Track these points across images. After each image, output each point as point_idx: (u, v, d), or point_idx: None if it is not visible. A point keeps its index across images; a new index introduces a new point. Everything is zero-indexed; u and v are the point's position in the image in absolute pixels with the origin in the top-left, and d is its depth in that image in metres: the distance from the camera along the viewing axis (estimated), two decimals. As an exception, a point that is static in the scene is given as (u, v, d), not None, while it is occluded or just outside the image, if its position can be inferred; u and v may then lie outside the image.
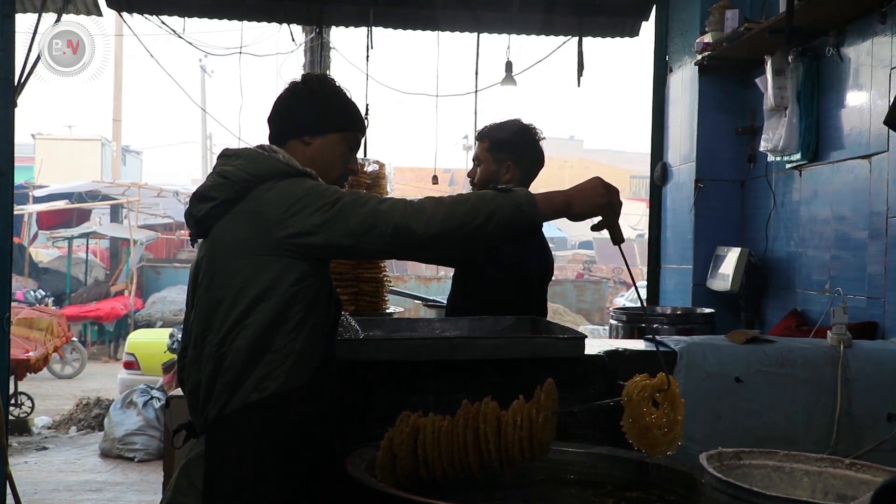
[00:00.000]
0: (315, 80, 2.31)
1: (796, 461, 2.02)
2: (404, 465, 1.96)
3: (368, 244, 2.01)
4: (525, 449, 1.95)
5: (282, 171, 2.09)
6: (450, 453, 1.97)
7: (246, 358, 2.02)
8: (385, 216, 1.98)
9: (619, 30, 6.24)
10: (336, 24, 6.51)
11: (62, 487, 7.05)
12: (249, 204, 2.07)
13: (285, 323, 2.05)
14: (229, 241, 2.08)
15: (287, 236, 2.02)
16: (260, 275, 2.04)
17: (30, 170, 21.55)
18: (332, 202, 2.01)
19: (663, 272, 5.73)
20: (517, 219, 1.98)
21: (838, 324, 2.69)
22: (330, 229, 2.00)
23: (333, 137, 2.25)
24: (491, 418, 1.99)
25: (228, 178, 2.09)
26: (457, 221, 1.96)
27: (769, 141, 4.35)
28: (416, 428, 2.02)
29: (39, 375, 10.87)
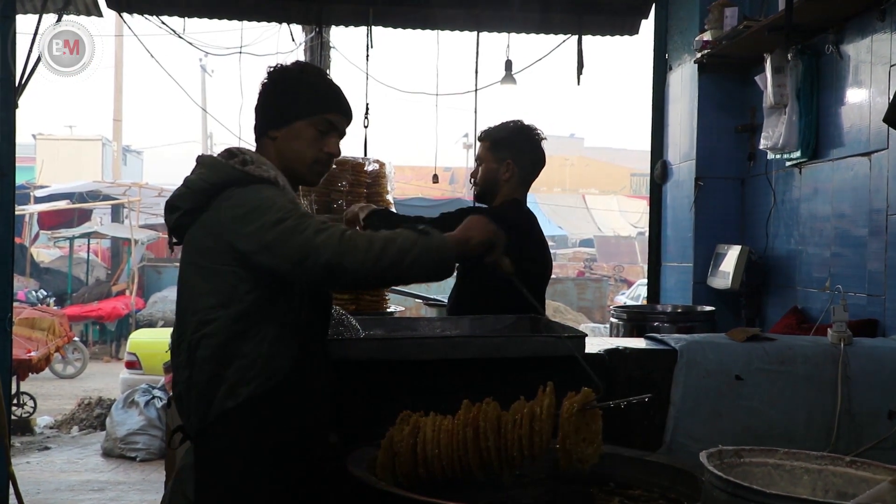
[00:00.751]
0: (277, 72, 2.29)
1: (797, 459, 2.02)
2: (404, 464, 1.97)
3: (304, 274, 2.02)
4: (525, 448, 1.96)
5: (237, 178, 2.10)
6: (449, 452, 1.98)
7: (212, 367, 2.05)
8: (317, 249, 1.98)
9: (618, 28, 6.23)
10: (336, 24, 6.51)
11: (64, 487, 7.06)
12: (211, 213, 2.09)
13: (249, 329, 2.06)
14: (193, 251, 2.12)
15: (239, 249, 2.04)
16: (218, 283, 2.06)
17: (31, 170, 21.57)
18: (276, 221, 2.00)
19: (664, 270, 5.73)
20: (437, 262, 2.04)
21: (839, 321, 2.69)
22: (271, 252, 2.01)
23: (298, 125, 2.22)
24: (491, 417, 2.00)
25: (190, 187, 2.12)
26: (387, 262, 1.99)
27: (769, 139, 4.35)
28: (417, 426, 2.02)
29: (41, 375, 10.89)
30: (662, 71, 5.73)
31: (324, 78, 2.32)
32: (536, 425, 1.96)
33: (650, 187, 5.96)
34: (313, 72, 2.33)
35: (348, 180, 4.33)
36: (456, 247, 2.08)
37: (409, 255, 1.99)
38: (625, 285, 21.07)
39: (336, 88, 2.30)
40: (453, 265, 2.09)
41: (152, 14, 6.10)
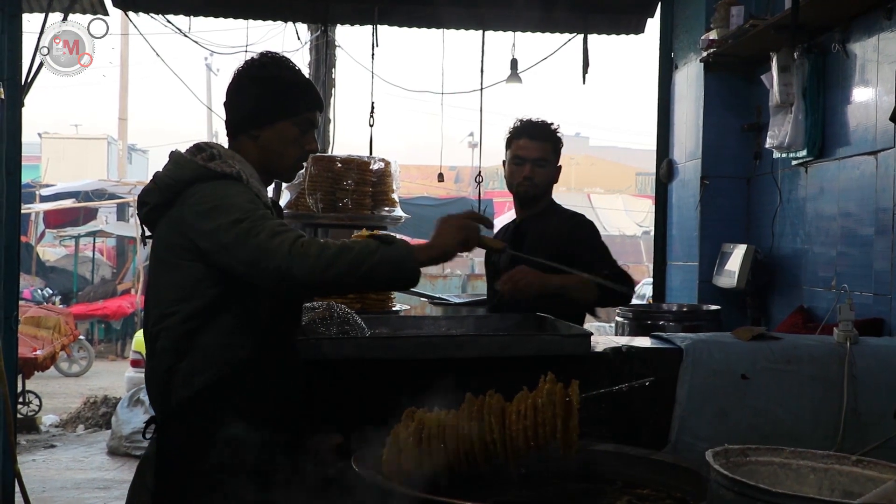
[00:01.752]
0: (256, 67, 2.27)
1: (803, 458, 2.02)
2: (410, 460, 1.97)
3: (257, 278, 2.00)
4: (530, 438, 1.96)
5: (201, 174, 2.11)
6: (454, 446, 1.97)
7: (170, 358, 2.10)
8: (268, 254, 1.95)
9: (624, 27, 6.22)
10: (341, 23, 6.52)
11: (70, 485, 7.08)
12: (176, 209, 2.12)
13: (206, 321, 2.10)
14: (160, 245, 2.16)
15: (200, 247, 2.06)
16: (181, 278, 2.10)
17: (36, 169, 21.64)
18: (234, 222, 2.00)
19: (669, 269, 5.72)
20: (395, 274, 2.01)
21: (845, 320, 2.68)
22: (228, 252, 2.01)
23: (281, 125, 2.23)
24: (495, 409, 1.99)
25: (157, 183, 2.16)
26: (337, 271, 1.96)
27: (775, 138, 4.34)
28: (422, 422, 2.02)
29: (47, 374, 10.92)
30: (668, 70, 5.73)
31: (301, 74, 2.32)
32: (540, 416, 1.96)
33: (656, 186, 5.95)
34: (291, 68, 2.30)
35: (354, 179, 4.34)
36: (423, 257, 2.05)
37: (366, 264, 1.96)
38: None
39: (312, 84, 2.33)
40: (417, 275, 2.04)
41: (158, 13, 6.11)
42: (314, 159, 4.35)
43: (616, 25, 6.23)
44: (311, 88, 2.31)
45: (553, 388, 2.01)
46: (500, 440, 1.98)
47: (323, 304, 2.81)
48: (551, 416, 1.98)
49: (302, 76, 2.32)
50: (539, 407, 1.97)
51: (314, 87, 2.32)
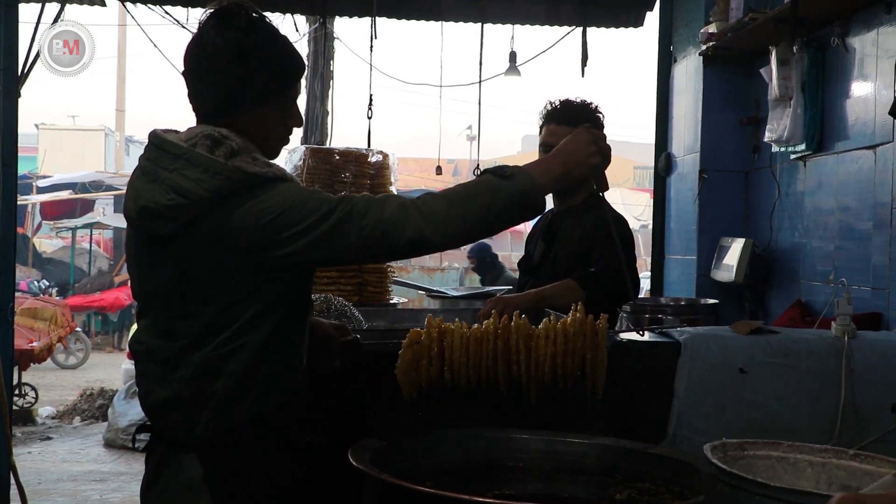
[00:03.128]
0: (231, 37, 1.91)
1: (800, 452, 2.02)
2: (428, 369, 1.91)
3: (376, 255, 1.91)
4: (558, 366, 1.91)
5: (249, 184, 1.84)
6: (477, 361, 1.91)
7: (240, 380, 1.90)
8: (396, 228, 1.83)
9: (623, 20, 6.21)
10: (340, 14, 6.50)
11: (66, 477, 7.08)
12: (219, 222, 1.84)
13: (278, 338, 1.94)
14: (205, 265, 1.88)
15: (278, 257, 1.85)
16: (250, 296, 1.89)
17: (33, 160, 21.59)
18: (324, 216, 1.83)
19: (667, 263, 5.72)
20: (525, 205, 1.89)
21: (843, 314, 2.68)
22: (326, 247, 1.84)
23: (267, 107, 1.98)
24: (523, 330, 1.93)
25: (187, 197, 1.82)
26: (471, 222, 1.85)
27: (774, 131, 4.33)
28: (443, 331, 1.95)
29: (43, 366, 10.92)
30: (667, 63, 5.71)
31: (282, 38, 2.01)
32: (571, 344, 1.91)
33: (654, 180, 5.95)
34: (272, 31, 1.98)
35: (352, 171, 4.33)
36: (548, 183, 1.90)
37: (494, 207, 1.85)
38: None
39: (293, 47, 2.02)
40: (543, 204, 1.91)
41: (155, 3, 6.09)
42: (312, 151, 4.34)
43: (615, 18, 6.21)
44: (294, 56, 2.02)
45: (584, 319, 1.95)
46: (525, 363, 1.91)
47: (320, 296, 2.80)
48: (581, 346, 1.93)
49: (283, 40, 2.00)
50: (569, 335, 1.91)
51: (297, 51, 2.03)
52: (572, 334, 1.96)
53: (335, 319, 2.68)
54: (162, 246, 1.90)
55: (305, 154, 4.25)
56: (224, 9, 1.95)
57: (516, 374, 1.95)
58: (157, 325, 1.95)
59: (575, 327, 1.96)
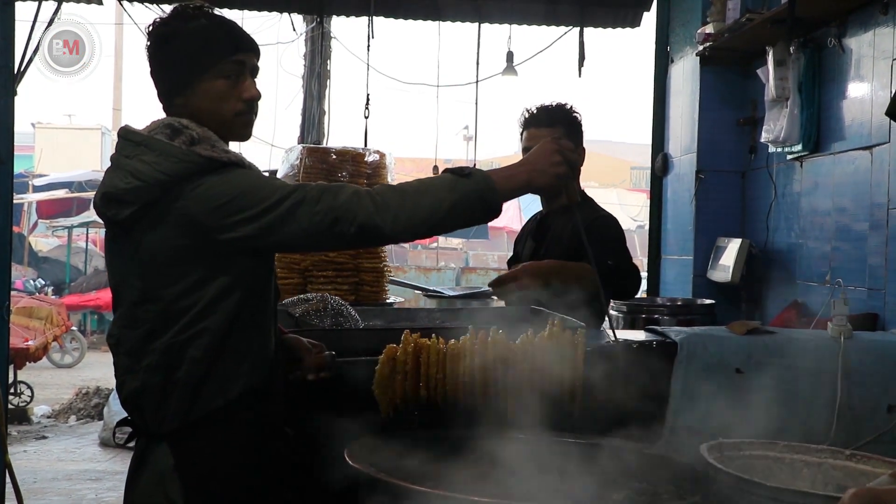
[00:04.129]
0: (156, 31, 2.01)
1: (796, 452, 2.02)
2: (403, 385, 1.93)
3: (326, 243, 1.95)
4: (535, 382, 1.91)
5: (202, 167, 1.88)
6: (454, 377, 1.92)
7: (203, 366, 1.92)
8: (347, 214, 1.85)
9: (620, 20, 6.22)
10: (337, 14, 6.50)
11: (61, 476, 7.07)
12: (175, 205, 1.88)
13: (239, 324, 1.95)
14: (161, 248, 1.91)
15: (228, 241, 1.88)
16: (206, 280, 1.91)
17: (30, 159, 21.54)
18: (277, 202, 1.86)
19: (664, 263, 5.73)
20: (478, 206, 1.91)
21: (839, 315, 2.68)
22: (278, 232, 1.86)
23: (204, 85, 1.98)
24: (500, 347, 1.94)
25: (143, 179, 1.87)
26: (423, 215, 1.89)
27: (770, 132, 4.34)
28: (419, 347, 1.96)
29: (39, 364, 10.88)
30: (664, 63, 5.72)
31: (211, 19, 2.02)
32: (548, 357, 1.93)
33: (651, 180, 5.95)
34: (194, 15, 2.00)
35: (348, 171, 4.32)
36: (505, 187, 1.92)
37: (446, 202, 1.88)
38: (624, 278, 21.03)
39: (229, 24, 2.03)
40: (499, 208, 1.92)
41: (152, 2, 6.08)
42: (309, 151, 4.33)
43: (612, 19, 6.22)
44: (225, 31, 2.00)
45: (561, 334, 1.96)
46: (503, 379, 1.91)
47: (317, 295, 2.80)
48: (559, 359, 1.93)
49: (212, 21, 2.01)
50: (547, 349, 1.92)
51: (233, 29, 2.02)
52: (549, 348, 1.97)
53: (331, 319, 2.68)
54: (124, 232, 1.95)
55: (302, 153, 4.24)
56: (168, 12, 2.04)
57: (493, 391, 1.95)
58: (124, 315, 1.98)
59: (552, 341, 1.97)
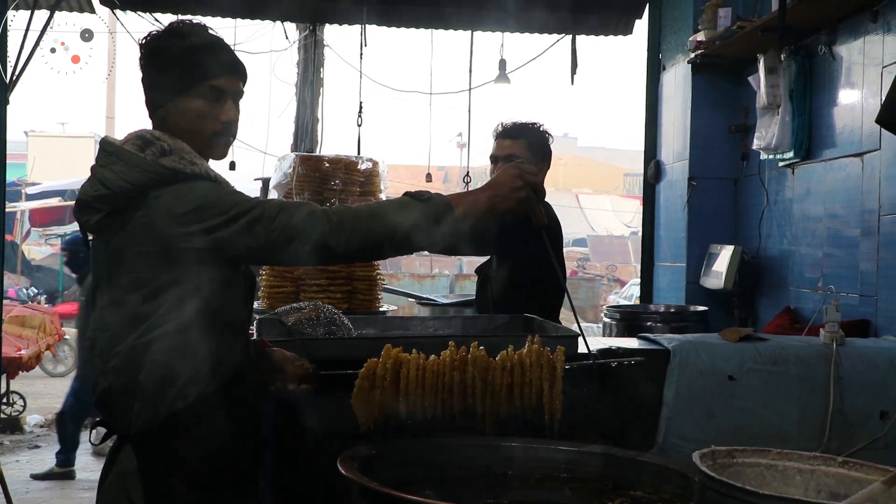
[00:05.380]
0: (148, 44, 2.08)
1: (789, 459, 2.02)
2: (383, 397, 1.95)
3: (281, 259, 1.98)
4: (515, 397, 1.95)
5: (166, 177, 1.94)
6: (433, 393, 1.95)
7: (163, 369, 1.95)
8: (301, 234, 1.90)
9: (612, 28, 6.24)
10: (330, 22, 6.51)
11: (54, 486, 7.03)
12: (139, 213, 1.94)
13: (200, 329, 1.97)
14: (126, 252, 1.96)
15: (185, 248, 1.93)
16: (166, 286, 1.95)
17: (22, 167, 21.53)
18: (234, 217, 1.91)
19: (657, 270, 5.74)
20: (436, 231, 1.93)
21: (831, 322, 2.69)
22: (234, 245, 1.92)
23: (182, 102, 2.03)
24: (480, 362, 1.96)
25: (109, 187, 1.94)
26: (376, 238, 1.92)
27: (762, 139, 4.35)
28: (399, 361, 1.99)
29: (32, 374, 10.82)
30: (656, 71, 5.74)
31: (201, 38, 2.08)
32: (528, 375, 1.95)
33: (643, 187, 5.97)
34: (186, 33, 2.08)
35: (341, 179, 4.32)
36: (465, 211, 1.94)
37: (403, 226, 1.91)
38: (618, 285, 21.09)
39: (219, 46, 2.08)
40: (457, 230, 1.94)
41: (145, 11, 6.08)
42: (301, 159, 4.33)
43: (604, 26, 6.24)
44: (213, 53, 2.06)
45: (541, 350, 1.99)
46: (482, 394, 1.94)
47: (310, 304, 2.80)
48: (538, 377, 1.96)
49: (202, 40, 2.07)
50: (526, 366, 1.95)
51: (221, 52, 2.08)
52: (529, 365, 1.99)
53: (324, 327, 2.67)
54: (97, 238, 2.03)
55: (295, 161, 4.24)
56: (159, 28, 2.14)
57: (472, 406, 1.97)
58: (97, 318, 2.04)
59: (532, 358, 1.99)
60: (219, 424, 2.01)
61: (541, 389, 1.97)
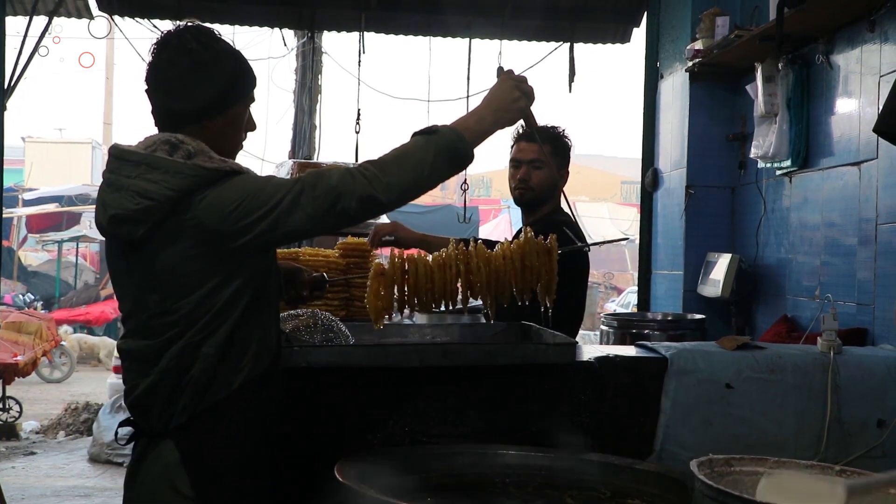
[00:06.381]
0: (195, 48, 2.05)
1: (787, 468, 2.02)
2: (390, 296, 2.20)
3: (332, 222, 2.01)
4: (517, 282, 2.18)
5: (207, 179, 1.97)
6: (442, 285, 2.16)
7: (214, 362, 2.00)
8: (345, 192, 1.95)
9: (610, 36, 6.25)
10: (328, 29, 6.51)
11: (50, 493, 7.01)
12: (186, 218, 1.96)
13: (249, 317, 2.04)
14: (176, 261, 1.98)
15: (241, 244, 1.97)
16: (221, 286, 1.99)
17: (20, 173, 21.51)
18: (281, 198, 1.95)
19: (654, 278, 5.73)
20: (454, 157, 2.03)
21: (828, 330, 2.70)
22: (285, 223, 1.96)
23: (232, 111, 2.10)
24: (482, 253, 2.18)
25: (153, 198, 1.94)
26: (410, 178, 1.99)
27: (759, 147, 4.36)
28: (405, 261, 2.19)
29: (28, 380, 10.83)
30: (654, 79, 5.75)
31: (237, 52, 2.13)
32: (528, 260, 2.19)
33: (641, 195, 5.97)
34: (227, 42, 2.12)
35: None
36: (475, 135, 2.07)
37: (426, 161, 1.99)
38: (615, 292, 21.09)
39: (247, 62, 2.14)
40: (471, 155, 2.06)
41: (143, 17, 6.09)
42: (300, 166, 4.34)
43: (602, 34, 6.25)
44: (250, 68, 2.15)
45: (536, 239, 2.22)
46: (486, 282, 2.16)
47: (307, 311, 2.79)
48: (536, 263, 2.19)
49: (239, 53, 2.14)
50: (525, 254, 2.18)
51: (250, 64, 2.16)
52: (527, 253, 2.21)
53: (322, 334, 2.67)
54: (135, 250, 2.01)
55: (293, 168, 4.25)
56: (189, 26, 2.12)
57: (477, 291, 2.19)
58: (139, 327, 2.05)
59: (530, 246, 2.22)
60: (260, 407, 2.07)
61: (539, 273, 2.19)
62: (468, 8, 6.04)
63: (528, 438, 2.36)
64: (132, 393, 2.06)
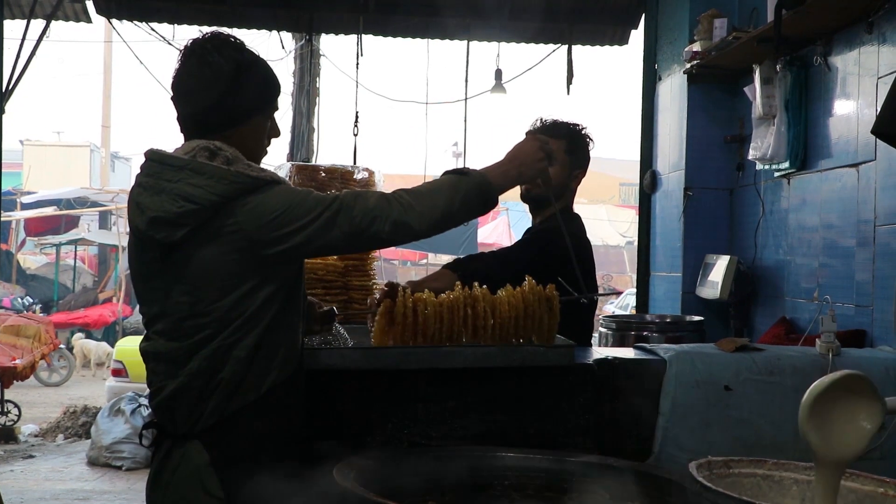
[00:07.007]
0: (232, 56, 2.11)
1: (785, 469, 2.02)
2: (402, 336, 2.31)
3: (364, 243, 2.11)
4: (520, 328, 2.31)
5: (249, 186, 2.01)
6: (450, 327, 2.30)
7: (244, 365, 2.04)
8: (380, 215, 2.02)
9: (608, 38, 6.26)
10: (326, 32, 6.53)
11: (49, 496, 7.01)
12: (226, 223, 2.00)
13: (279, 322, 2.08)
14: (212, 264, 2.01)
15: (276, 253, 2.02)
16: (254, 290, 2.03)
17: (18, 176, 21.50)
18: (320, 213, 2.01)
19: (652, 280, 5.74)
20: (479, 201, 2.12)
21: (827, 332, 2.69)
22: (321, 238, 2.02)
23: (257, 119, 2.17)
24: (488, 298, 2.34)
25: (197, 202, 1.97)
26: (440, 212, 2.06)
27: (758, 149, 4.36)
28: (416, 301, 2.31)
29: (26, 383, 10.83)
30: (652, 81, 5.75)
31: (261, 61, 2.19)
32: (530, 308, 2.33)
33: (639, 197, 5.97)
34: (253, 59, 2.16)
35: (337, 188, 4.31)
36: (499, 180, 2.16)
37: (457, 199, 2.07)
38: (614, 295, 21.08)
39: (272, 69, 2.22)
40: (496, 199, 2.16)
41: (141, 20, 6.10)
42: (297, 168, 4.33)
43: (600, 36, 6.26)
44: (275, 75, 2.23)
45: (538, 288, 2.37)
46: (491, 325, 2.31)
47: (306, 313, 2.79)
48: (538, 309, 2.34)
49: (264, 62, 2.20)
50: (528, 300, 2.34)
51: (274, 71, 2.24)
52: (531, 300, 2.35)
53: (319, 337, 2.67)
54: (170, 253, 2.04)
55: (291, 171, 4.24)
56: (216, 35, 2.19)
57: (482, 336, 2.33)
58: (168, 329, 2.07)
59: (532, 292, 2.36)
60: (287, 409, 2.11)
61: (541, 319, 2.34)
62: (466, 10, 6.05)
63: (527, 441, 2.36)
64: (159, 394, 2.08)
